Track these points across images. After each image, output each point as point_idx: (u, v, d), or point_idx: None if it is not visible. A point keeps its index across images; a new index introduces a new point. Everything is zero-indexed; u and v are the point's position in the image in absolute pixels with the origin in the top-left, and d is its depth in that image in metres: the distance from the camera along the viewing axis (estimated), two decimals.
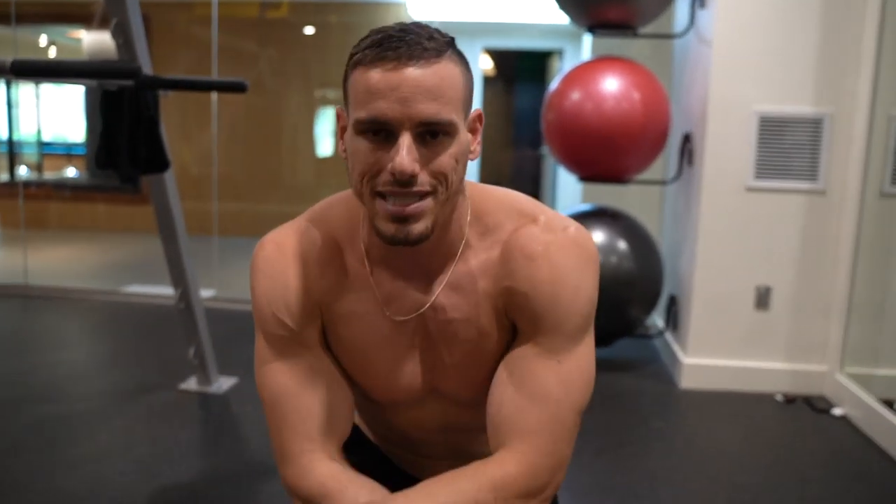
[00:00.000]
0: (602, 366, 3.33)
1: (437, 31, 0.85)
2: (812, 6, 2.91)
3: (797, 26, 2.94)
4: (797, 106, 2.98)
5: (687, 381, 3.16)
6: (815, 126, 2.97)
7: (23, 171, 10.17)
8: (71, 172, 11.09)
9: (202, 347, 2.88)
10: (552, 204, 7.74)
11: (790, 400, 3.03)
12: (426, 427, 1.05)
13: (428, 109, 0.80)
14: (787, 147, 3.00)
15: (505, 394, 0.91)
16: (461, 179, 0.88)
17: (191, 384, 2.98)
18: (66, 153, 11.80)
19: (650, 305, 3.31)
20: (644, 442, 2.62)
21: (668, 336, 3.50)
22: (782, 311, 3.09)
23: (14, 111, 8.96)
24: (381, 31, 0.84)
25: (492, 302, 0.93)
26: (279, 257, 0.95)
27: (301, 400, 0.94)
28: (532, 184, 8.96)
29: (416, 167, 0.81)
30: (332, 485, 0.90)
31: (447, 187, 0.84)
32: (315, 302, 0.96)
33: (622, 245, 3.23)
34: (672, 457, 2.50)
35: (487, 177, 8.63)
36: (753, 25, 2.96)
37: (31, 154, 10.73)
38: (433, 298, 0.94)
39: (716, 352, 3.15)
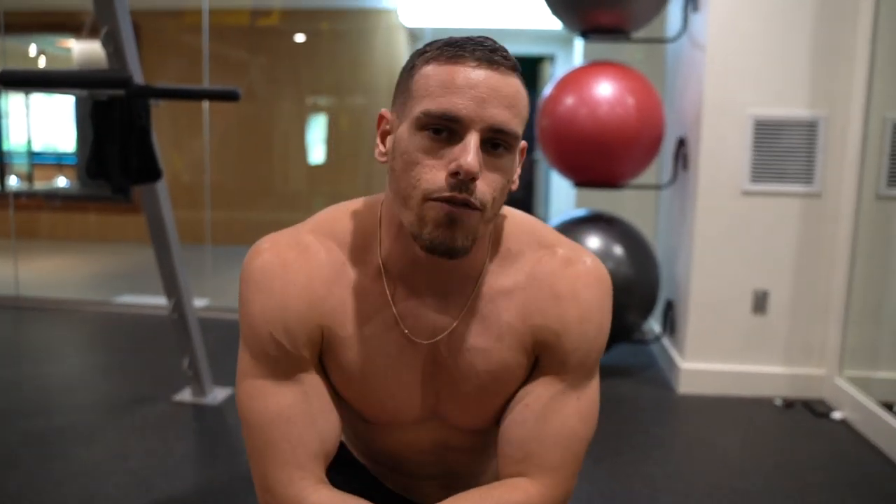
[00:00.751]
0: (599, 372, 3.33)
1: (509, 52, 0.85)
2: (805, 9, 2.92)
3: (791, 29, 2.94)
4: (792, 109, 2.97)
5: (685, 387, 3.14)
6: (810, 129, 2.97)
7: (13, 182, 10.11)
8: (61, 182, 11.03)
9: (196, 358, 2.85)
10: (546, 209, 7.74)
11: (789, 404, 3.01)
12: (418, 448, 1.02)
13: (502, 115, 0.79)
14: (782, 150, 3.00)
15: (528, 432, 0.91)
16: (502, 205, 0.86)
17: (185, 395, 2.95)
18: (57, 163, 11.74)
19: (646, 311, 3.30)
20: (643, 448, 2.60)
21: (666, 341, 3.49)
22: (780, 314, 3.08)
23: (3, 121, 8.91)
24: (454, 37, 0.82)
25: (518, 337, 0.91)
26: (280, 272, 0.89)
27: (291, 425, 0.89)
28: (525, 189, 8.96)
29: (478, 171, 0.78)
30: None
31: (493, 205, 0.82)
32: (317, 325, 0.90)
33: (618, 250, 3.21)
34: (671, 463, 2.48)
35: None
36: (747, 29, 2.96)
37: (21, 164, 10.67)
38: (454, 324, 0.90)
39: (713, 356, 3.13)
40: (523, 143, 0.88)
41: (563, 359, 0.92)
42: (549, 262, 0.92)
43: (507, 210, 0.97)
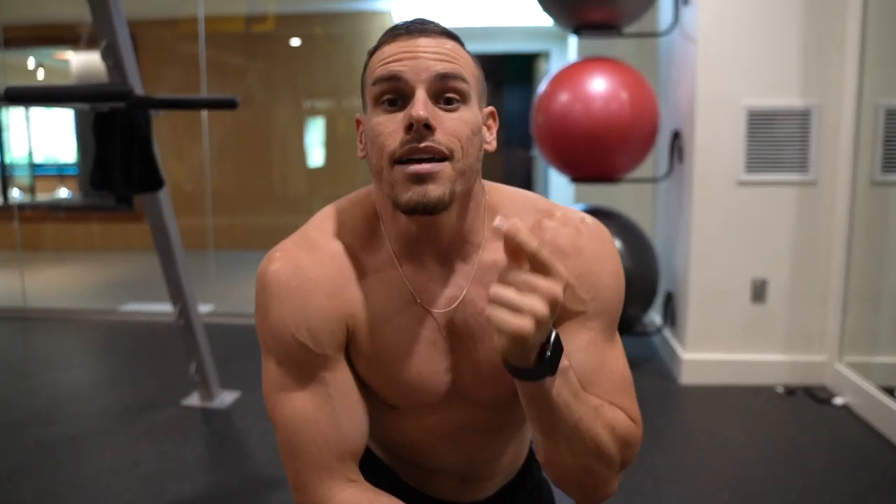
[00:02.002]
0: None
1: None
2: None
3: (781, 19, 2.96)
4: (784, 99, 3.00)
5: (687, 377, 3.17)
6: (803, 118, 3.00)
7: (16, 194, 10.16)
8: (64, 193, 11.08)
9: (203, 363, 2.89)
10: None
11: (791, 391, 3.04)
12: (439, 433, 1.03)
13: (441, 65, 0.83)
14: (776, 140, 3.03)
15: (578, 368, 0.89)
16: (477, 157, 0.88)
17: (193, 400, 2.99)
18: (58, 174, 11.79)
19: (647, 303, 3.33)
20: (646, 440, 2.60)
21: (667, 333, 3.52)
22: (779, 303, 3.11)
23: (4, 134, 8.95)
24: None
25: None
26: (294, 276, 0.90)
27: (318, 427, 0.91)
28: (524, 185, 8.95)
29: (430, 119, 0.81)
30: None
31: (463, 154, 0.84)
32: (339, 316, 0.92)
33: (616, 244, 3.25)
34: (674, 453, 2.51)
35: None
36: (737, 20, 2.99)
37: (23, 176, 10.73)
38: (464, 292, 0.93)
39: (714, 346, 3.16)
40: (491, 108, 0.93)
41: (582, 308, 0.93)
42: (548, 223, 0.94)
43: (501, 186, 1.00)
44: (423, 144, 0.81)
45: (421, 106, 0.81)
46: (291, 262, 0.91)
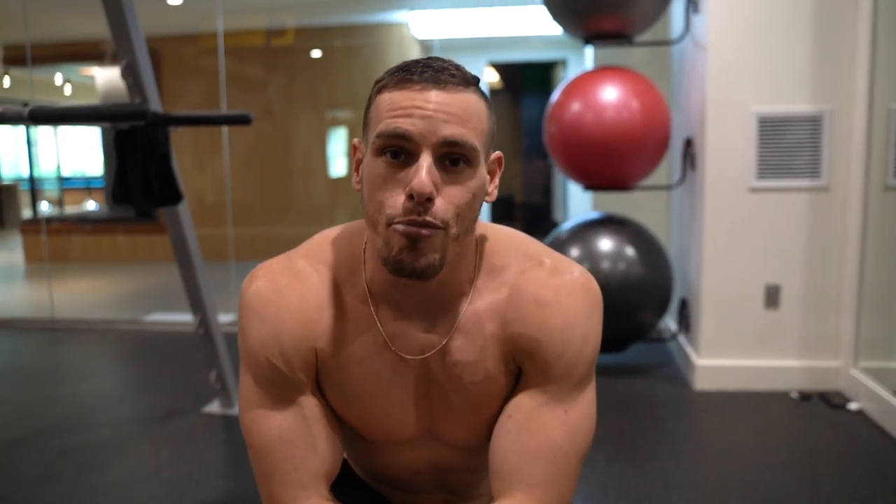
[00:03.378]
0: (616, 371, 3.39)
1: (463, 67, 0.86)
2: (804, 4, 2.96)
3: (791, 25, 2.98)
4: (795, 105, 3.01)
5: (701, 383, 3.19)
6: (814, 124, 3.01)
7: (44, 207, 10.39)
8: (91, 206, 11.31)
9: (223, 371, 2.96)
10: (564, 213, 7.78)
11: (805, 397, 3.04)
12: (416, 469, 1.04)
13: (452, 129, 0.80)
14: (787, 146, 3.04)
15: (511, 444, 0.90)
16: (475, 219, 0.87)
17: (214, 407, 3.05)
18: (86, 187, 12.04)
19: (661, 309, 3.35)
20: (658, 445, 2.65)
21: (682, 339, 3.53)
22: (793, 308, 3.11)
23: (33, 149, 9.16)
24: (408, 62, 0.85)
25: (500, 346, 0.92)
26: (273, 298, 0.91)
27: (293, 448, 0.91)
28: (543, 194, 9.01)
29: (434, 190, 0.79)
30: None
31: (459, 222, 0.83)
32: (310, 347, 0.92)
33: (630, 251, 3.27)
34: (686, 458, 2.53)
35: (499, 189, 8.69)
36: (747, 27, 3.01)
37: (51, 190, 10.97)
38: (444, 341, 0.91)
39: (728, 352, 3.17)
40: (498, 154, 0.91)
41: (544, 368, 0.90)
42: (534, 271, 0.92)
43: (493, 227, 0.98)
44: (419, 217, 0.80)
45: (425, 178, 0.79)
46: (272, 286, 0.92)
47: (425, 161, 0.80)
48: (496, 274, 0.93)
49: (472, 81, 0.85)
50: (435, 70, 0.82)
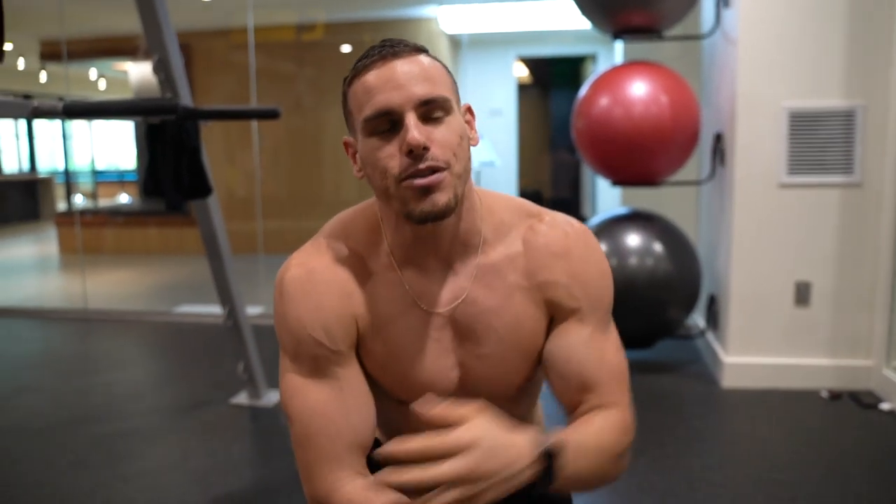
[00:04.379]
0: (643, 367, 3.38)
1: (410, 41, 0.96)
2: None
3: (823, 19, 2.93)
4: (827, 100, 2.97)
5: (729, 381, 3.16)
6: (847, 119, 2.96)
7: (79, 200, 10.59)
8: (124, 199, 11.50)
9: (251, 363, 2.99)
10: (593, 207, 7.74)
11: (836, 396, 3.00)
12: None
13: (423, 88, 0.90)
14: (819, 141, 2.99)
15: (582, 364, 1.01)
16: (468, 158, 0.95)
17: (241, 398, 3.10)
18: (119, 180, 12.23)
19: (689, 306, 3.32)
20: (684, 442, 2.63)
21: (710, 336, 3.50)
22: (823, 306, 3.07)
23: (68, 143, 9.33)
24: (365, 51, 0.95)
25: (527, 294, 1.01)
26: (309, 279, 0.99)
27: (329, 420, 0.97)
28: (572, 188, 8.97)
29: (426, 140, 0.89)
30: (359, 500, 0.94)
31: (457, 160, 0.92)
32: (351, 316, 0.99)
33: (657, 247, 3.25)
34: (712, 455, 2.51)
35: (528, 184, 8.67)
36: (777, 21, 2.96)
37: (86, 183, 11.17)
38: (466, 292, 1.00)
39: (757, 350, 3.14)
40: (467, 104, 1.00)
41: (577, 306, 1.02)
42: (540, 226, 1.03)
43: (488, 190, 1.08)
44: (422, 165, 0.89)
45: (415, 132, 0.88)
46: (305, 268, 1.00)
47: (411, 120, 0.89)
48: (505, 230, 1.03)
49: (423, 49, 0.95)
50: (390, 46, 0.92)
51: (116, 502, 2.25)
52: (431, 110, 0.91)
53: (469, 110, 1.00)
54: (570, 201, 8.76)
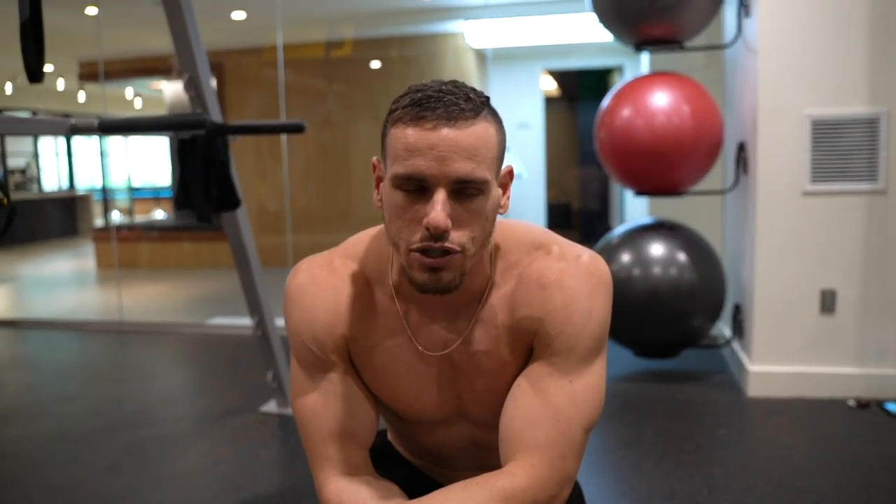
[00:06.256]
0: (668, 377, 3.38)
1: (474, 90, 0.90)
2: (858, 5, 2.91)
3: (844, 27, 2.93)
4: (850, 107, 2.96)
5: (754, 390, 3.14)
6: (871, 126, 2.95)
7: (115, 216, 10.84)
8: (159, 215, 11.74)
9: (279, 372, 3.06)
10: (621, 218, 7.73)
11: (863, 405, 2.97)
12: (454, 445, 1.11)
13: (463, 168, 0.85)
14: (843, 149, 2.99)
15: (517, 409, 0.96)
16: (490, 234, 0.93)
17: (270, 406, 3.16)
18: (154, 197, 12.50)
19: (713, 315, 3.32)
20: (707, 450, 2.63)
21: (735, 345, 3.49)
22: (849, 314, 3.05)
23: (105, 161, 9.58)
24: (420, 89, 0.89)
25: (510, 332, 0.99)
26: (311, 289, 1.01)
27: (323, 421, 1.02)
28: (600, 200, 8.96)
29: (449, 223, 0.85)
30: (347, 494, 0.99)
31: (474, 244, 0.89)
32: (340, 335, 1.01)
33: (682, 257, 3.26)
34: (735, 464, 2.51)
35: (556, 196, 8.70)
36: (798, 29, 2.97)
37: (122, 200, 11.44)
38: (464, 334, 0.99)
39: (783, 359, 3.13)
40: (508, 167, 0.96)
41: (548, 342, 0.96)
42: (542, 258, 0.98)
43: (513, 224, 1.04)
44: (437, 244, 0.87)
45: (439, 213, 0.85)
46: (310, 279, 1.02)
47: (440, 196, 0.86)
48: (510, 269, 1.00)
49: (482, 106, 0.89)
50: (446, 105, 0.86)
51: None
52: (465, 188, 0.87)
53: (510, 174, 0.96)
54: (598, 213, 8.76)
